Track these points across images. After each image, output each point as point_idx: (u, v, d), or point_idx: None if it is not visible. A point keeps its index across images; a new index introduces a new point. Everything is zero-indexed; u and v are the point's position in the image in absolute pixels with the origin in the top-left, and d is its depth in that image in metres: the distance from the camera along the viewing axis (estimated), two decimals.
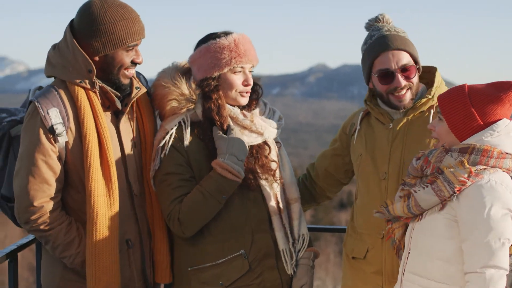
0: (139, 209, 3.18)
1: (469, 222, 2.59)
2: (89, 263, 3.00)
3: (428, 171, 2.76)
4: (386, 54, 3.14)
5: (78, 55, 2.97)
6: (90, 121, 2.98)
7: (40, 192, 2.94)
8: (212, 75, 3.16)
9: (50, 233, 2.99)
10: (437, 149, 2.77)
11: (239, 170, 3.07)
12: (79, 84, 2.98)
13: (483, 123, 2.70)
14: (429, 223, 2.72)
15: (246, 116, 3.22)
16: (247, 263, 3.15)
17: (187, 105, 3.15)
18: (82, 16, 3.01)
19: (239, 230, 3.16)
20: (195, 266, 3.18)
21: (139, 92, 3.12)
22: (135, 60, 3.06)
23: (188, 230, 3.13)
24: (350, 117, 3.53)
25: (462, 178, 2.62)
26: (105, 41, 2.97)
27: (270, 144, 3.29)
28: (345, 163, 3.48)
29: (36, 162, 2.93)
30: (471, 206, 2.60)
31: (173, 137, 3.14)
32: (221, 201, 3.08)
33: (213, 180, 3.08)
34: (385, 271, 3.21)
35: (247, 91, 3.21)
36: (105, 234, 3.00)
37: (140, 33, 3.03)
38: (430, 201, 2.70)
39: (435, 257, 2.69)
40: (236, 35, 3.18)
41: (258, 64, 3.27)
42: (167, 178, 3.13)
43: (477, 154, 2.66)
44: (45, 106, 2.94)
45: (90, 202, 2.97)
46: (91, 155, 2.96)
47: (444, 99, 2.78)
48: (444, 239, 2.67)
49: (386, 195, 3.19)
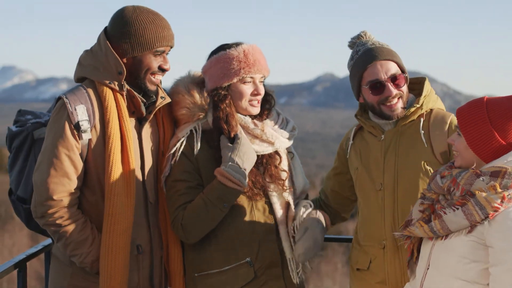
0: (152, 217, 3.22)
1: (500, 250, 2.52)
2: (103, 261, 3.03)
3: (457, 193, 2.67)
4: (375, 65, 3.18)
5: (110, 56, 3.05)
6: (115, 121, 3.04)
7: (60, 186, 2.97)
8: (222, 85, 3.20)
9: (65, 229, 3.01)
10: (466, 171, 2.68)
11: (240, 179, 3.08)
12: (108, 85, 3.05)
13: (505, 143, 2.62)
14: (454, 244, 2.65)
15: (257, 125, 3.24)
16: (252, 271, 3.17)
17: (198, 113, 3.19)
18: (115, 19, 3.11)
19: (246, 239, 3.18)
20: (202, 272, 3.21)
21: (164, 101, 3.18)
22: (162, 66, 3.12)
23: (191, 236, 3.16)
24: (346, 134, 3.55)
25: (496, 204, 2.55)
26: (134, 43, 3.06)
27: (281, 154, 3.31)
28: (348, 180, 3.49)
29: (59, 156, 2.98)
30: (503, 233, 2.53)
31: (183, 145, 3.19)
32: (222, 209, 3.10)
33: (215, 188, 3.10)
34: (389, 281, 3.22)
35: (257, 100, 3.24)
36: (120, 234, 3.04)
37: (168, 40, 3.10)
38: (460, 224, 2.62)
39: (458, 277, 2.63)
40: (246, 46, 3.22)
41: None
42: (175, 184, 3.17)
43: (509, 178, 2.58)
44: (73, 102, 3.01)
45: (108, 200, 3.02)
46: (114, 154, 3.01)
47: (462, 114, 2.70)
48: (468, 261, 2.61)
49: (383, 205, 3.21)
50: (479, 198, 2.57)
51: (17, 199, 3.26)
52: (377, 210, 3.24)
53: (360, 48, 3.26)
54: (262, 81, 3.27)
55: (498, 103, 2.66)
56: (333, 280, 26.76)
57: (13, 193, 3.30)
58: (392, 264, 3.20)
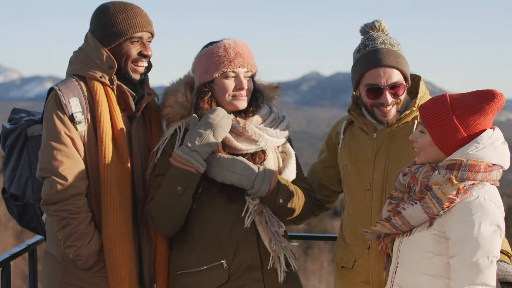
0: (141, 214, 3.23)
1: (457, 239, 2.57)
2: (109, 254, 3.06)
3: (416, 188, 2.73)
4: (377, 70, 3.11)
5: (100, 52, 3.11)
6: (106, 114, 3.08)
7: (75, 172, 3.00)
8: (205, 81, 3.19)
9: (76, 217, 3.02)
10: (423, 166, 2.74)
11: (186, 158, 3.04)
12: (99, 79, 3.10)
13: (466, 135, 2.67)
14: (417, 239, 2.70)
15: (239, 122, 3.20)
16: (226, 274, 3.15)
17: (180, 111, 3.20)
18: (92, 16, 3.21)
19: (223, 240, 3.15)
20: (180, 270, 3.22)
21: (150, 97, 3.22)
22: (142, 51, 3.16)
23: (160, 228, 3.16)
24: (334, 126, 3.52)
25: (451, 195, 2.60)
26: (108, 34, 3.14)
27: (268, 153, 3.26)
28: (337, 173, 3.46)
29: (66, 144, 3.02)
30: (460, 223, 2.58)
31: (165, 143, 3.19)
32: (177, 192, 3.07)
33: (169, 173, 3.11)
34: (372, 281, 3.22)
35: (241, 94, 3.20)
36: (122, 224, 3.07)
37: (141, 25, 3.15)
38: (419, 218, 2.68)
39: (424, 272, 2.68)
40: (227, 40, 3.21)
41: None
42: (155, 180, 3.19)
43: (464, 170, 2.64)
44: (66, 95, 3.05)
45: (107, 192, 3.05)
46: (107, 147, 3.05)
47: (426, 111, 2.74)
48: (432, 255, 2.66)
49: (371, 205, 3.20)
50: (435, 191, 2.64)
51: (10, 196, 3.28)
52: (364, 210, 3.22)
53: (369, 43, 3.17)
54: (248, 76, 3.23)
55: (461, 99, 2.71)
56: (319, 278, 26.81)
57: (6, 191, 3.33)
58: (376, 265, 3.19)
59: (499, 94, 2.69)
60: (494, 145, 2.69)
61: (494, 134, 2.70)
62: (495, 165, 2.69)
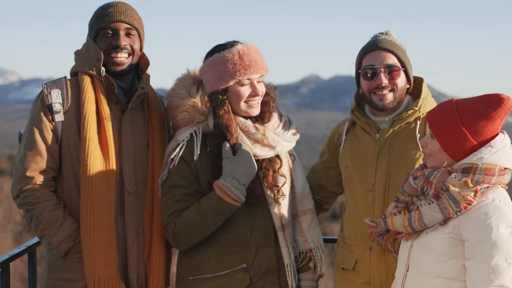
0: (130, 206, 3.20)
1: (475, 242, 2.58)
2: (84, 240, 3.07)
3: (430, 191, 2.73)
4: (373, 53, 3.20)
5: (90, 46, 3.22)
6: (91, 103, 3.14)
7: (33, 163, 3.08)
8: (218, 89, 3.14)
9: (36, 207, 3.07)
10: (437, 169, 2.74)
11: (239, 195, 3.03)
12: (88, 71, 3.18)
13: (476, 142, 2.68)
14: (431, 242, 2.70)
15: (258, 129, 3.18)
16: (248, 278, 3.13)
17: (198, 117, 3.14)
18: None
19: (243, 245, 3.14)
20: (196, 275, 3.17)
21: (142, 91, 3.23)
22: (113, 42, 3.20)
23: (181, 244, 3.14)
24: (336, 127, 3.53)
25: (469, 197, 2.61)
26: (90, 29, 3.26)
27: (282, 158, 3.25)
28: (337, 174, 3.47)
29: (33, 135, 3.11)
30: (477, 226, 2.59)
31: (183, 149, 3.14)
32: (217, 222, 3.07)
33: (212, 200, 3.06)
34: (374, 283, 3.22)
35: (256, 101, 3.18)
36: (101, 212, 3.08)
37: (111, 15, 3.20)
38: (434, 217, 2.68)
39: (439, 274, 2.67)
40: (241, 46, 3.15)
41: None
42: (171, 190, 3.14)
43: (480, 174, 2.65)
44: (49, 87, 3.16)
45: (85, 178, 3.07)
46: (89, 133, 3.10)
47: (434, 118, 2.75)
48: (448, 258, 2.66)
49: (373, 206, 3.20)
50: (453, 192, 2.64)
51: None
52: (366, 211, 3.21)
53: (371, 39, 3.26)
54: (261, 80, 3.21)
55: (467, 105, 2.72)
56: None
57: None
58: (378, 266, 3.19)
59: (506, 98, 2.69)
60: (505, 149, 2.71)
61: (505, 138, 2.72)
62: (507, 169, 2.71)
